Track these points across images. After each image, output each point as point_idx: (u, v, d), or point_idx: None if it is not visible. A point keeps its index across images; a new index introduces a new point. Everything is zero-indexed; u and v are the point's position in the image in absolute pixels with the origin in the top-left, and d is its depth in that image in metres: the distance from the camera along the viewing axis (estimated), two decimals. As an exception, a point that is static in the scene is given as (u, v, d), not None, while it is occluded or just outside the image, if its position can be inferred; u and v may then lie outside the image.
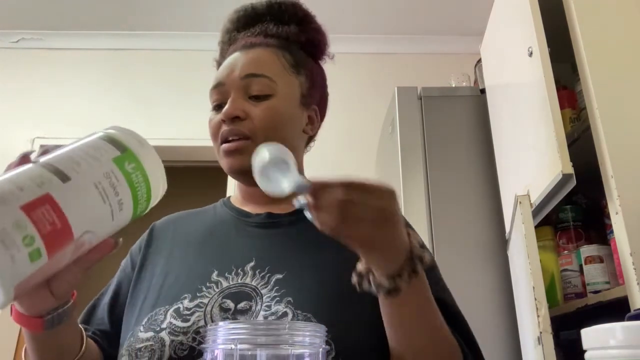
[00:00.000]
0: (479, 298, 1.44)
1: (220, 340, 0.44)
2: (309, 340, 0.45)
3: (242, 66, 0.78)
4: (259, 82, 0.77)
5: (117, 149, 0.51)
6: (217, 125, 0.77)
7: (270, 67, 0.79)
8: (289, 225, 0.77)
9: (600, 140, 1.01)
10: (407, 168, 1.60)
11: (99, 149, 0.50)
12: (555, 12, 1.15)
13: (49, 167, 0.46)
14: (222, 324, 0.45)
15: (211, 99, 0.80)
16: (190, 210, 0.88)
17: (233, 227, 0.79)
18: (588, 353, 0.48)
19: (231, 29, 0.87)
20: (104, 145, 0.51)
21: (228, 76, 0.78)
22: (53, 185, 0.44)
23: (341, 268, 0.70)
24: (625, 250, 0.94)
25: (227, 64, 0.80)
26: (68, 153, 0.48)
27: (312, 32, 0.87)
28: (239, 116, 0.74)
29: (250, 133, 0.74)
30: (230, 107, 0.75)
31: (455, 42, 2.73)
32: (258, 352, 0.42)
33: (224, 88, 0.78)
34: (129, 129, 0.55)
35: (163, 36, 2.77)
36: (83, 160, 0.48)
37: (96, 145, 0.51)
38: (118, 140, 0.52)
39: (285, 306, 0.64)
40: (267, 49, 0.80)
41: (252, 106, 0.76)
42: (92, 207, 0.47)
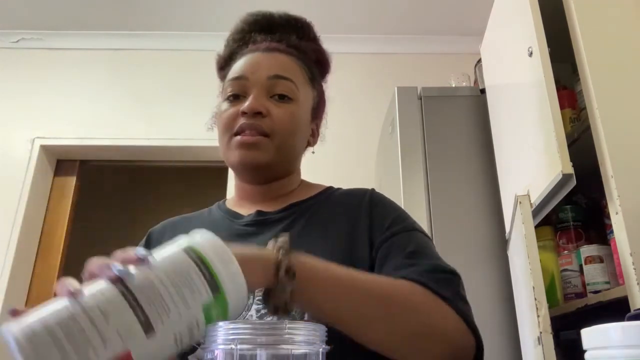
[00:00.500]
0: (479, 298, 1.43)
1: (220, 340, 0.44)
2: (309, 340, 0.45)
3: (270, 66, 0.79)
4: (284, 85, 0.78)
5: (211, 288, 0.47)
6: (233, 117, 0.77)
7: (294, 73, 0.81)
8: (276, 222, 0.78)
9: (600, 140, 1.01)
10: (407, 168, 1.60)
11: (193, 289, 0.46)
12: (555, 12, 1.15)
13: (136, 308, 0.42)
14: (222, 324, 0.45)
15: (227, 90, 0.80)
16: (186, 215, 0.89)
17: (224, 228, 0.79)
18: (588, 353, 0.48)
19: (246, 30, 0.87)
20: (199, 282, 0.46)
21: (253, 73, 0.78)
22: (137, 340, 0.42)
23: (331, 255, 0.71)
24: (625, 250, 0.94)
25: (250, 62, 0.80)
26: (161, 285, 0.44)
27: (322, 53, 0.89)
28: (261, 112, 0.75)
29: (269, 131, 0.75)
30: (254, 102, 0.75)
31: (455, 42, 2.73)
32: (258, 352, 0.42)
33: (247, 83, 0.78)
34: (221, 245, 0.50)
35: (163, 36, 2.77)
36: (173, 307, 0.44)
37: (192, 280, 0.46)
38: (214, 275, 0.47)
39: None
40: (290, 57, 0.82)
41: (274, 106, 0.77)
42: (164, 354, 0.45)
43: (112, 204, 3.81)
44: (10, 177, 2.50)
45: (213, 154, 2.78)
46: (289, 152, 0.80)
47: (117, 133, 2.61)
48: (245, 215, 0.81)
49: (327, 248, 0.72)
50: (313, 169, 1.02)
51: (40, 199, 2.58)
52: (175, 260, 0.47)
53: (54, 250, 2.52)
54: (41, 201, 2.58)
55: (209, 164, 2.60)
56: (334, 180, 0.91)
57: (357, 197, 0.81)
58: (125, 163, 2.83)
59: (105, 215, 3.74)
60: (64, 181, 2.68)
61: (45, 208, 2.60)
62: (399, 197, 1.57)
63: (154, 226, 0.87)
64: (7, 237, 2.38)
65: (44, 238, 2.54)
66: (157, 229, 0.86)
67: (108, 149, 2.64)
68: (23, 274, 2.43)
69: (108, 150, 2.66)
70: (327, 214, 0.79)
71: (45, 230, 2.56)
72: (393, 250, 0.70)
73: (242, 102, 0.77)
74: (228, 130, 0.77)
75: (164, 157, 2.73)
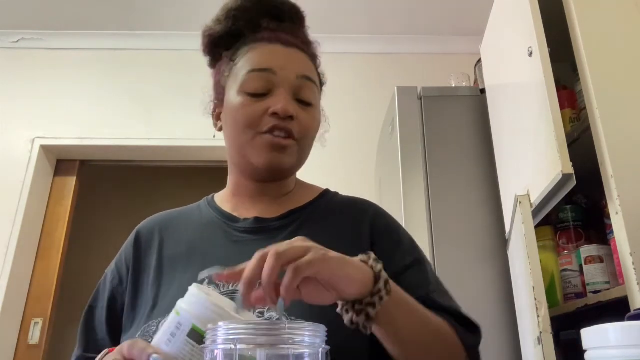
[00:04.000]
0: (479, 298, 1.44)
1: (220, 340, 0.44)
2: (309, 340, 0.45)
3: (298, 65, 0.77)
4: (309, 87, 0.77)
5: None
6: (259, 114, 0.73)
7: (315, 74, 0.80)
8: (277, 230, 0.76)
9: (600, 140, 1.01)
10: (407, 168, 1.60)
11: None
12: (555, 12, 1.15)
13: None
14: (222, 324, 0.45)
15: (249, 83, 0.74)
16: (172, 211, 0.85)
17: (221, 232, 0.77)
18: (588, 353, 0.48)
19: (252, 10, 0.80)
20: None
21: (282, 68, 0.75)
22: None
23: None
24: (625, 250, 0.94)
25: (277, 54, 0.76)
26: None
27: (313, 46, 0.86)
28: (292, 116, 0.73)
29: (298, 136, 0.74)
30: (289, 105, 0.73)
31: (455, 42, 2.73)
32: (258, 352, 0.42)
33: (275, 78, 0.74)
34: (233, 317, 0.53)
35: (163, 36, 2.77)
36: None
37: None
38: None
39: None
40: (307, 57, 0.80)
41: (301, 110, 0.75)
42: None
43: (112, 204, 3.81)
44: (10, 177, 2.49)
45: (213, 154, 2.79)
46: (306, 157, 0.80)
47: (117, 133, 2.61)
48: (241, 219, 0.78)
49: None
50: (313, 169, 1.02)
51: (40, 199, 2.58)
52: (192, 354, 0.50)
53: (54, 250, 2.52)
54: (41, 201, 2.58)
55: (209, 164, 2.60)
56: (335, 180, 0.91)
57: (360, 211, 0.80)
58: (125, 163, 2.83)
59: (105, 215, 3.73)
60: (64, 181, 2.68)
61: (45, 208, 2.59)
62: (399, 197, 1.57)
63: (139, 225, 0.83)
64: (7, 237, 2.38)
65: (44, 238, 2.54)
66: (145, 229, 0.82)
67: (108, 149, 2.64)
68: (23, 274, 2.43)
69: (108, 150, 2.66)
70: (328, 225, 0.78)
71: (45, 230, 2.56)
72: (414, 287, 0.70)
73: (265, 98, 0.73)
74: (253, 127, 0.73)
75: (164, 157, 2.73)
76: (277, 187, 0.81)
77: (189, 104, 2.74)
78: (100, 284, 0.80)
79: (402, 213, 1.54)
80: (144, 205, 3.85)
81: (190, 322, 0.52)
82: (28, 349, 2.34)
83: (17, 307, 2.38)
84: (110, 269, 0.80)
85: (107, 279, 0.79)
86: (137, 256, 0.78)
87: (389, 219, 0.81)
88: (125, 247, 0.81)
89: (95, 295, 0.79)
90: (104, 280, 0.80)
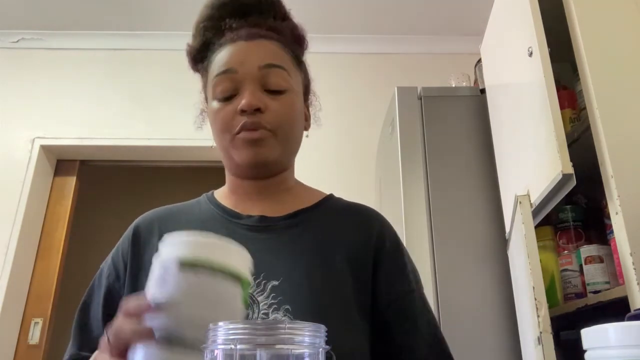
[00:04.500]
0: (479, 298, 1.44)
1: (219, 340, 0.44)
2: (309, 340, 0.45)
3: (258, 55, 0.74)
4: (277, 74, 0.74)
5: (233, 281, 0.48)
6: (230, 116, 0.72)
7: (284, 59, 0.77)
8: (282, 229, 0.75)
9: (600, 140, 1.01)
10: (407, 168, 1.60)
11: (225, 297, 0.47)
12: (555, 12, 1.15)
13: (195, 350, 0.42)
14: (222, 324, 0.45)
15: (216, 88, 0.74)
16: (172, 206, 0.84)
17: (223, 228, 0.75)
18: (588, 353, 0.48)
19: (216, 16, 0.80)
20: (234, 289, 0.47)
21: (242, 64, 0.73)
22: None
23: (335, 275, 0.71)
24: (625, 250, 0.94)
25: (235, 52, 0.75)
26: (197, 316, 0.44)
27: (297, 29, 0.84)
28: (260, 108, 0.71)
29: (271, 127, 0.72)
30: (252, 98, 0.71)
31: (455, 42, 2.73)
32: (258, 352, 0.42)
33: (236, 76, 0.73)
34: (201, 240, 0.50)
35: (163, 36, 2.77)
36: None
37: (216, 290, 0.46)
38: (236, 274, 0.48)
39: (284, 314, 0.64)
40: (274, 43, 0.77)
41: (270, 100, 0.73)
42: None
43: (112, 204, 3.81)
44: (10, 177, 2.50)
45: (213, 154, 2.77)
46: (291, 146, 0.78)
47: (117, 133, 2.61)
48: (244, 215, 0.77)
49: (336, 263, 0.72)
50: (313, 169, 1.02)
51: (40, 199, 2.58)
52: (197, 284, 0.47)
53: (54, 250, 2.52)
54: (41, 201, 2.58)
55: (209, 164, 2.60)
56: (335, 180, 0.91)
57: (366, 219, 0.80)
58: (125, 163, 2.83)
59: (105, 215, 3.73)
60: (64, 181, 2.68)
61: (45, 208, 2.60)
62: (399, 197, 1.57)
63: (138, 219, 0.81)
64: (7, 237, 2.38)
65: (44, 238, 2.54)
66: (144, 224, 0.80)
67: (108, 149, 2.64)
68: (23, 274, 2.43)
69: (108, 150, 2.66)
70: (334, 229, 0.77)
71: (45, 230, 2.56)
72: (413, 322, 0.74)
73: (235, 99, 0.73)
74: (227, 130, 0.73)
75: (164, 157, 2.73)
76: (274, 183, 0.80)
77: (189, 104, 2.73)
78: (95, 280, 0.78)
79: (402, 213, 1.54)
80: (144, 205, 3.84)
81: (176, 257, 0.48)
82: (28, 349, 2.34)
83: (17, 307, 2.38)
84: (106, 264, 0.78)
85: (102, 274, 0.77)
86: (135, 251, 0.76)
87: (394, 234, 0.82)
88: (122, 242, 0.79)
89: (90, 291, 0.77)
90: (99, 276, 0.77)
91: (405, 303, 0.74)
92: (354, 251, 0.74)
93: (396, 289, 0.74)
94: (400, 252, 0.79)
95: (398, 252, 0.79)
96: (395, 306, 0.73)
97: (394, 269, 0.76)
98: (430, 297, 1.41)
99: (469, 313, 1.42)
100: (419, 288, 0.77)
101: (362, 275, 0.73)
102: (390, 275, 0.75)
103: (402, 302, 0.74)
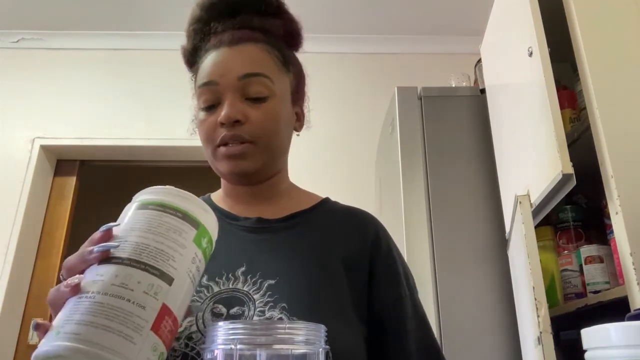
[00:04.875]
0: (479, 298, 1.44)
1: (219, 341, 0.44)
2: (309, 340, 0.45)
3: (238, 65, 0.73)
4: (257, 82, 0.73)
5: (192, 226, 0.51)
6: (212, 128, 0.73)
7: (266, 65, 0.75)
8: (279, 231, 0.76)
9: (600, 140, 1.01)
10: (407, 168, 1.60)
11: (181, 233, 0.50)
12: (555, 12, 1.15)
13: (152, 271, 0.45)
14: (222, 324, 0.45)
15: (200, 99, 0.75)
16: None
17: (221, 229, 0.75)
18: (588, 353, 0.48)
19: (205, 18, 0.80)
20: (182, 226, 0.50)
21: (222, 76, 0.73)
22: (163, 292, 0.45)
23: (331, 276, 0.71)
24: (625, 250, 0.94)
25: (217, 62, 0.75)
26: (157, 245, 0.47)
27: (289, 22, 0.83)
28: (239, 120, 0.71)
29: (251, 138, 0.72)
30: (230, 111, 0.71)
31: (455, 42, 2.73)
32: (258, 352, 0.42)
33: (217, 88, 0.73)
34: (182, 191, 0.54)
35: (163, 36, 2.77)
36: (175, 253, 0.48)
37: (176, 227, 0.50)
38: (191, 216, 0.52)
39: (280, 312, 0.64)
40: (257, 45, 0.76)
41: (251, 109, 0.72)
42: (188, 295, 0.49)
43: (112, 204, 3.81)
44: (10, 177, 2.50)
45: (213, 154, 2.77)
46: (276, 153, 0.77)
47: (117, 133, 2.61)
48: (241, 217, 0.77)
49: (332, 263, 0.73)
50: (313, 169, 1.02)
51: (40, 199, 2.58)
52: (146, 217, 0.50)
53: (54, 250, 2.52)
54: (41, 201, 2.58)
55: (208, 164, 2.60)
56: (334, 180, 0.90)
57: (362, 223, 0.80)
58: (125, 163, 2.83)
59: (106, 215, 3.73)
60: (64, 181, 2.68)
61: (45, 208, 2.60)
62: (399, 197, 1.57)
63: None
64: (7, 237, 2.38)
65: (44, 238, 2.54)
66: None
67: (108, 149, 2.64)
68: (23, 274, 2.43)
69: (108, 150, 2.66)
70: (330, 231, 0.78)
71: (45, 230, 2.56)
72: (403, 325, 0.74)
73: (217, 110, 0.73)
74: (210, 141, 0.74)
75: (164, 157, 2.73)
76: (266, 187, 0.80)
77: (189, 103, 2.74)
78: None
79: (402, 213, 1.54)
80: (144, 205, 3.85)
81: (137, 199, 0.52)
82: (28, 349, 2.34)
83: (17, 307, 2.38)
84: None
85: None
86: None
87: (389, 239, 0.82)
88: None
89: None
90: None
91: (397, 308, 0.74)
92: (350, 254, 0.75)
93: (389, 293, 0.75)
94: (395, 257, 0.79)
95: (392, 257, 0.79)
96: (388, 311, 0.74)
97: (387, 274, 0.76)
98: (430, 297, 1.41)
99: (469, 313, 1.42)
100: (412, 293, 0.78)
101: (358, 277, 0.73)
102: (384, 280, 0.75)
103: (394, 307, 0.74)
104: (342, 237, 0.77)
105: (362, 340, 0.70)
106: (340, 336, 0.64)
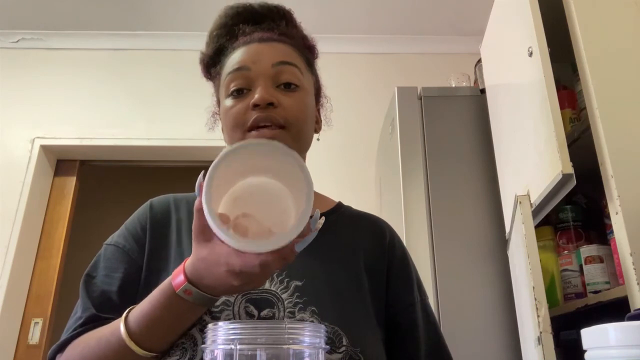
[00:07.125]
0: (479, 298, 1.44)
1: (220, 340, 0.44)
2: (308, 340, 0.45)
3: (271, 54, 0.75)
4: (290, 71, 0.75)
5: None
6: (242, 112, 0.72)
7: (297, 59, 0.78)
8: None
9: (600, 140, 1.01)
10: (407, 168, 1.60)
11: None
12: (555, 12, 1.15)
13: None
14: (222, 324, 0.45)
15: (228, 85, 0.75)
16: (180, 195, 0.83)
17: None
18: (588, 353, 0.48)
19: (230, 24, 0.82)
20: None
21: (255, 62, 0.74)
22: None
23: (355, 280, 0.73)
24: (625, 250, 0.94)
25: (249, 52, 0.76)
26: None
27: (308, 39, 0.86)
28: (273, 103, 0.71)
29: (284, 122, 0.72)
30: (265, 93, 0.71)
31: (455, 42, 2.73)
32: (258, 352, 0.42)
33: (250, 73, 0.74)
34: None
35: (163, 36, 2.77)
36: None
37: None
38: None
39: (311, 315, 0.65)
40: (286, 45, 0.78)
41: (282, 96, 0.73)
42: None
43: (112, 204, 3.81)
44: (10, 177, 2.49)
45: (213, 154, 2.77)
46: (304, 142, 0.78)
47: (117, 133, 2.61)
48: None
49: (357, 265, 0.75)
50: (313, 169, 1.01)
51: (40, 199, 2.57)
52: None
53: (54, 250, 2.52)
54: (41, 201, 2.58)
55: (209, 164, 2.60)
56: (335, 180, 0.91)
57: (377, 230, 0.82)
58: (125, 163, 2.83)
59: (106, 215, 3.73)
60: (64, 181, 2.68)
61: (45, 208, 2.59)
62: (399, 197, 1.57)
63: (152, 199, 0.82)
64: (7, 237, 2.38)
65: (44, 238, 2.54)
66: (159, 202, 0.80)
67: (108, 149, 2.64)
68: (23, 274, 2.43)
69: (108, 150, 2.66)
70: (346, 236, 0.79)
71: (45, 230, 2.56)
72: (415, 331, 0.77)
73: (247, 95, 0.73)
74: (239, 126, 0.73)
75: (164, 157, 2.73)
76: None
77: (189, 103, 2.75)
78: (101, 255, 0.76)
79: (402, 213, 1.54)
80: (144, 205, 3.86)
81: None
82: (28, 349, 2.34)
83: (17, 307, 2.38)
84: (120, 236, 0.76)
85: (119, 246, 0.75)
86: (155, 220, 0.76)
87: (402, 245, 0.84)
88: (138, 213, 0.79)
89: (96, 265, 0.75)
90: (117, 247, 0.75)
91: (409, 314, 0.76)
92: (371, 260, 0.77)
93: (403, 299, 0.77)
94: (407, 263, 0.82)
95: (405, 263, 0.81)
96: (400, 316, 0.76)
97: (401, 280, 0.79)
98: (430, 297, 1.41)
99: (469, 313, 1.42)
100: (423, 299, 0.80)
101: (378, 284, 0.75)
102: (399, 286, 0.78)
103: (407, 313, 0.76)
104: (363, 243, 0.79)
105: (383, 346, 0.72)
106: (370, 345, 0.67)
